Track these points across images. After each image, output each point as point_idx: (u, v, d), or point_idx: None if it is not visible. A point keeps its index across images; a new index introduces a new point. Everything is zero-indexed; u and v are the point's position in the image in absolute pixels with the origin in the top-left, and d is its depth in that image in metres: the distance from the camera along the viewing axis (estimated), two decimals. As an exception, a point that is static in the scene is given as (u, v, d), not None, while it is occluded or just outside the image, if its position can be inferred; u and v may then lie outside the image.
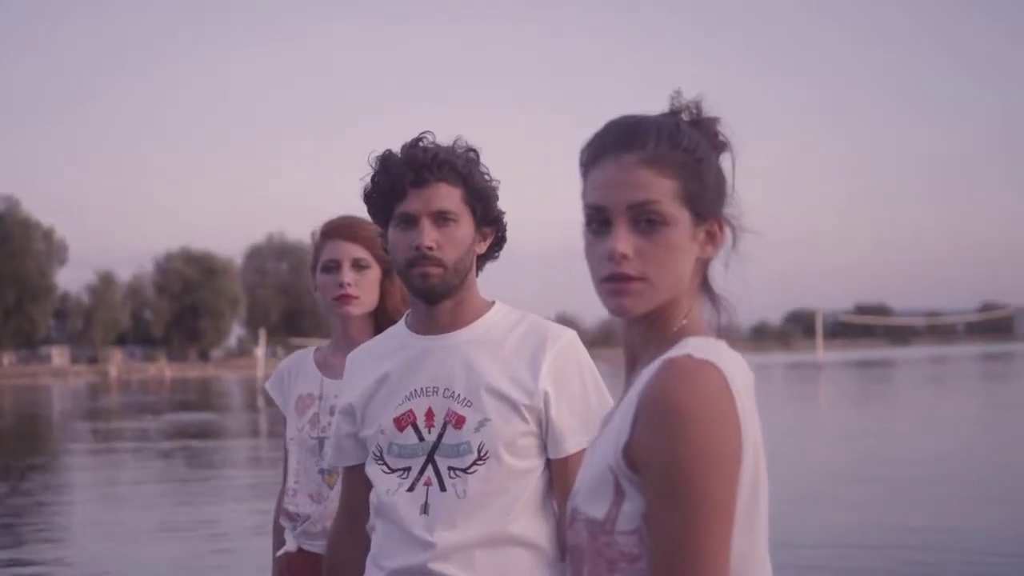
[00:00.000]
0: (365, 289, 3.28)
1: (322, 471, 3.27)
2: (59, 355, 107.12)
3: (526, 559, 2.50)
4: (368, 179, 2.58)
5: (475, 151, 2.59)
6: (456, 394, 2.51)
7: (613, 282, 1.65)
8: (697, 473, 1.53)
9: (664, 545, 1.54)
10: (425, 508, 2.49)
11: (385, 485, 2.54)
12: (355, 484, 2.67)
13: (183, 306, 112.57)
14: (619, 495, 1.60)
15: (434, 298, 2.55)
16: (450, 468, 2.49)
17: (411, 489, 2.51)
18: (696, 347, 1.63)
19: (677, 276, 1.67)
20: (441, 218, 2.53)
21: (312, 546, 3.25)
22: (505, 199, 2.63)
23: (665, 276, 1.65)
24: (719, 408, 1.56)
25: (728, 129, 1.74)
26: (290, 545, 3.32)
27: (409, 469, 2.52)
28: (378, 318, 3.29)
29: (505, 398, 2.49)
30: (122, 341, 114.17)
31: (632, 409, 1.60)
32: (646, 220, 1.64)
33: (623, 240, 1.64)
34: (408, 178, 2.52)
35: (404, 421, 2.54)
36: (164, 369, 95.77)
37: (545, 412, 2.50)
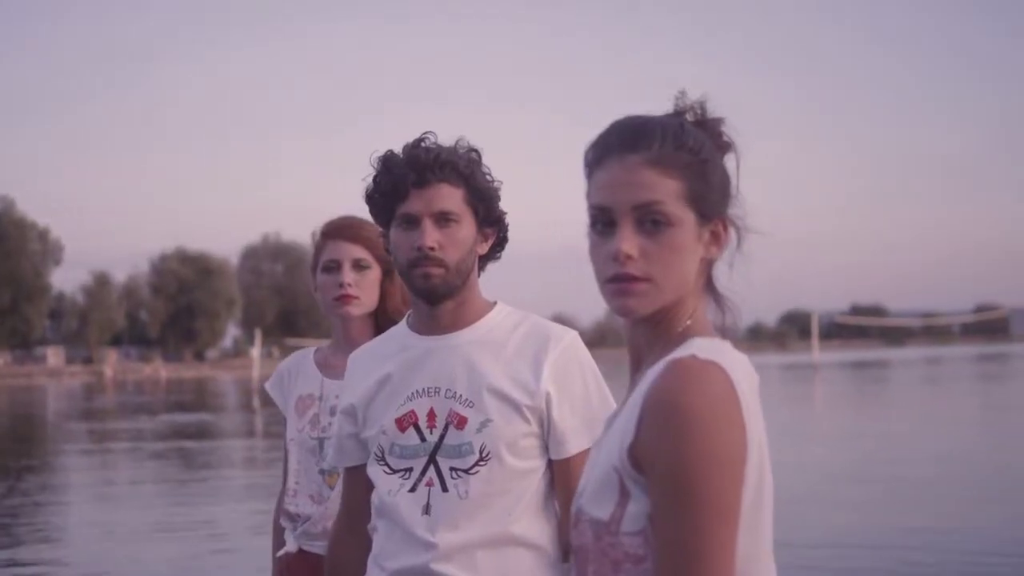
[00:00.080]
0: (365, 289, 3.29)
1: (322, 472, 3.27)
2: (54, 355, 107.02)
3: (528, 560, 2.50)
4: (370, 179, 2.58)
5: (477, 152, 2.59)
6: (458, 395, 2.51)
7: (618, 282, 1.65)
8: (702, 474, 1.52)
9: (669, 546, 1.54)
10: (427, 509, 2.49)
11: (387, 486, 2.54)
12: (356, 485, 2.67)
13: (179, 306, 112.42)
14: (624, 496, 1.60)
15: (436, 299, 2.54)
16: (452, 469, 2.49)
17: (413, 490, 2.51)
18: (701, 348, 1.63)
19: (682, 277, 1.67)
20: (443, 219, 2.52)
21: (312, 547, 3.25)
22: (504, 199, 2.63)
23: (670, 277, 1.65)
24: (724, 409, 1.56)
25: (732, 129, 1.74)
26: (290, 546, 3.32)
27: (411, 470, 2.52)
28: (378, 318, 3.29)
29: (507, 399, 2.49)
30: (117, 341, 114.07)
31: (637, 410, 1.60)
32: (651, 221, 1.64)
33: (628, 241, 1.63)
34: (410, 179, 2.51)
35: (406, 422, 2.53)
36: (159, 369, 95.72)
37: (547, 413, 2.50)
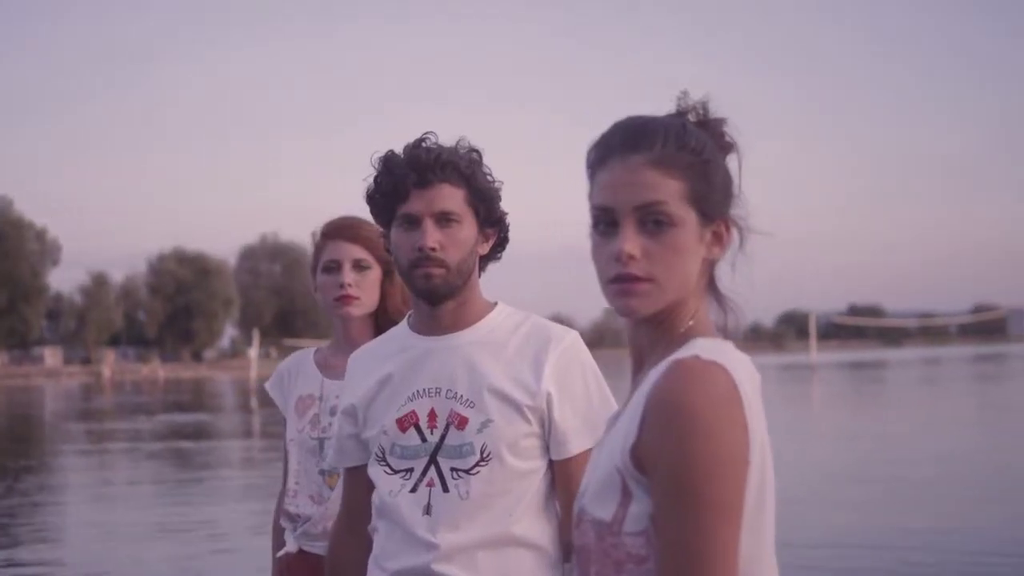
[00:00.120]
0: (366, 290, 3.28)
1: (322, 472, 3.27)
2: (52, 356, 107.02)
3: (529, 560, 2.49)
4: (371, 180, 2.58)
5: (478, 152, 2.58)
6: (459, 395, 2.51)
7: (620, 283, 1.65)
8: (705, 474, 1.52)
9: (672, 546, 1.54)
10: (428, 509, 2.48)
11: (387, 486, 2.53)
12: (356, 485, 2.66)
13: (176, 307, 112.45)
14: (626, 496, 1.60)
15: (437, 299, 2.54)
16: (453, 469, 2.49)
17: (414, 490, 2.51)
18: (703, 348, 1.63)
19: (684, 277, 1.67)
20: (444, 219, 2.52)
21: (313, 547, 3.25)
22: (504, 199, 2.63)
23: (672, 277, 1.65)
24: (727, 409, 1.56)
25: (735, 130, 1.74)
26: (290, 546, 3.31)
27: (412, 470, 2.52)
28: (379, 319, 3.29)
29: (508, 399, 2.49)
30: (115, 342, 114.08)
31: (639, 410, 1.60)
32: (653, 221, 1.64)
33: (630, 241, 1.63)
34: (411, 179, 2.51)
35: (406, 422, 2.53)
36: (157, 370, 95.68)
37: (548, 413, 2.50)
